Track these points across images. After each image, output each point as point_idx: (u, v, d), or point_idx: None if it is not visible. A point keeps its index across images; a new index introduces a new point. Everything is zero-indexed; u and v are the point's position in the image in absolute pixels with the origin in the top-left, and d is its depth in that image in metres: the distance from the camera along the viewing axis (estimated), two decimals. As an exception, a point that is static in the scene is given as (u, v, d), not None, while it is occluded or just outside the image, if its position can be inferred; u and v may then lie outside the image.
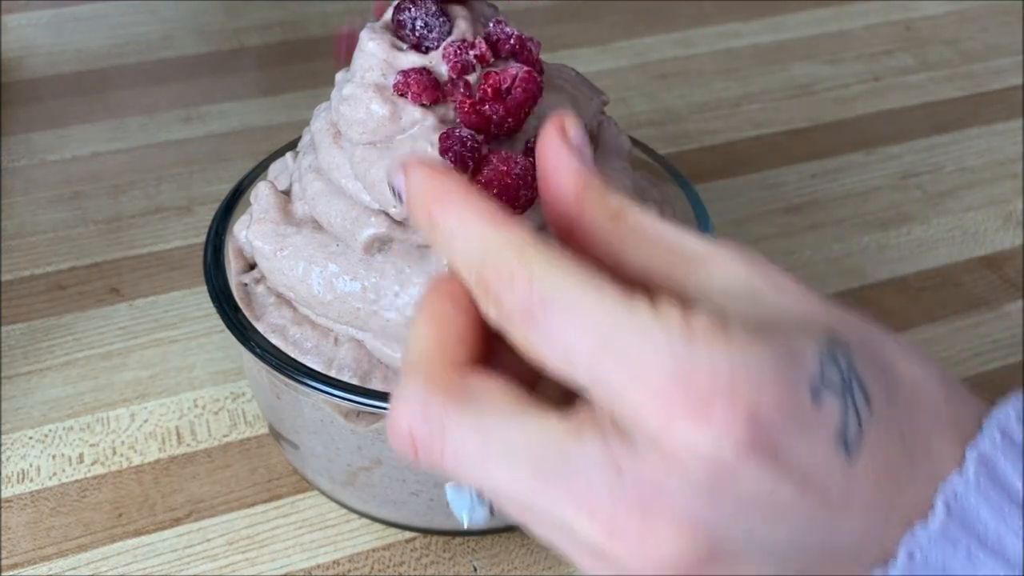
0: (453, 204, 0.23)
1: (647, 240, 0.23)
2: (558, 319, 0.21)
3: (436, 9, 0.34)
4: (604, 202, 0.24)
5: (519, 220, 0.23)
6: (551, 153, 0.25)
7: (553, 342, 0.21)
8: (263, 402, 0.40)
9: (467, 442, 0.21)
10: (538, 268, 0.21)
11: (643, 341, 0.20)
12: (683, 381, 0.19)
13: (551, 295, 0.21)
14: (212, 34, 0.75)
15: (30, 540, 0.41)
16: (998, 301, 0.53)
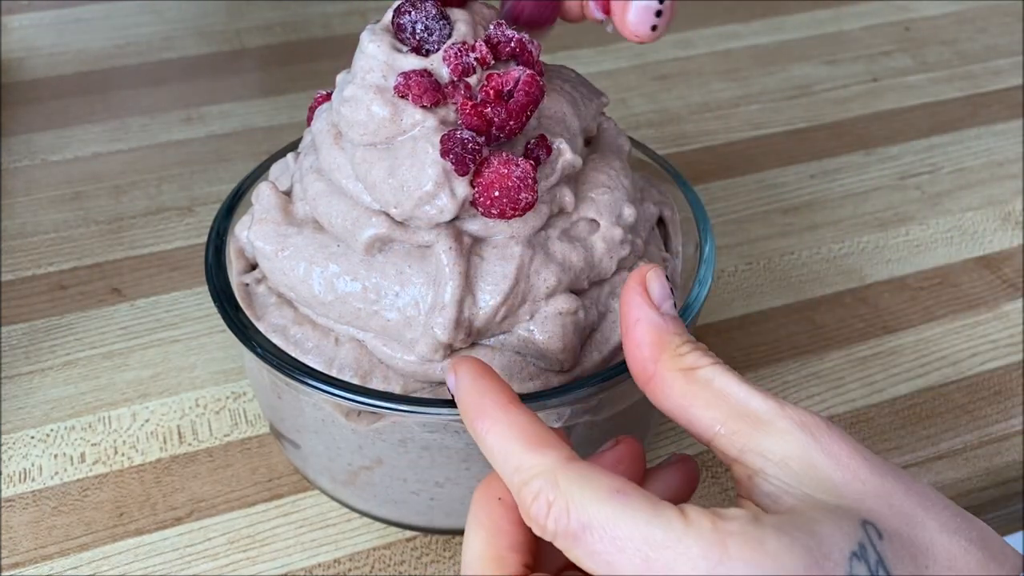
0: (492, 421, 0.26)
1: (716, 397, 0.26)
2: (598, 542, 0.23)
3: (436, 12, 0.34)
4: (679, 360, 0.27)
5: (553, 440, 0.25)
6: (633, 307, 0.28)
7: (597, 560, 0.23)
8: (264, 402, 0.41)
9: None
10: (573, 496, 0.23)
11: (679, 556, 0.22)
12: None
13: (589, 521, 0.23)
14: (213, 35, 0.75)
15: (32, 539, 0.41)
16: (996, 301, 0.53)
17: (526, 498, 0.24)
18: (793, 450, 0.24)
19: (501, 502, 0.27)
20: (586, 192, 0.36)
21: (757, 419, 0.25)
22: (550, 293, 0.35)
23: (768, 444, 0.25)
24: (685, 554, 0.22)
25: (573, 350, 0.35)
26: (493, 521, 0.26)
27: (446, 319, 0.33)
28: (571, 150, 0.35)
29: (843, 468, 0.24)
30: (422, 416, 0.33)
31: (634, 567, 0.22)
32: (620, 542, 0.23)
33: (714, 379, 0.26)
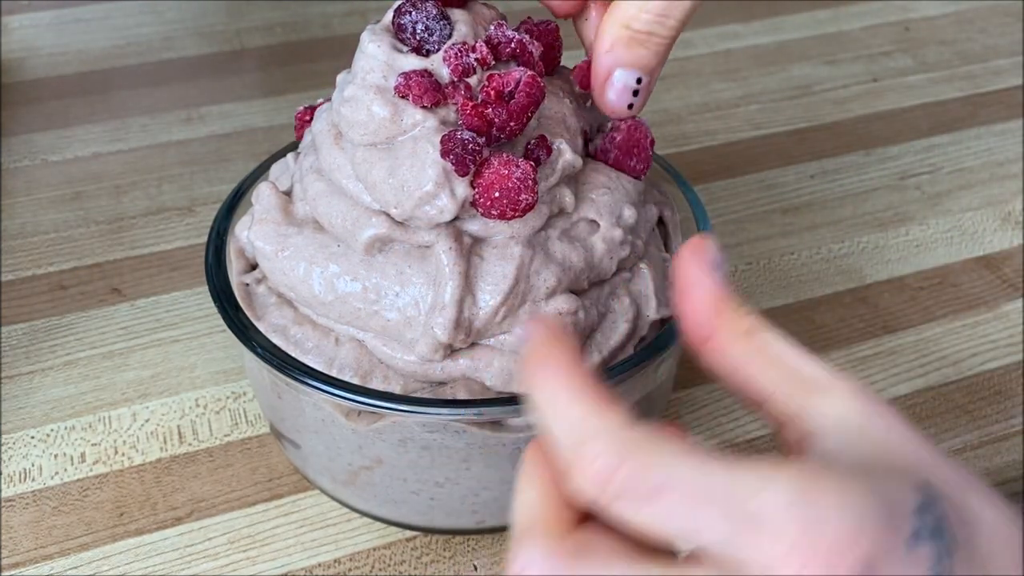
0: (553, 377, 0.25)
1: (774, 360, 0.26)
2: (678, 501, 0.22)
3: (437, 12, 0.34)
4: (738, 321, 0.27)
5: (616, 404, 0.24)
6: (691, 271, 0.28)
7: (674, 519, 0.22)
8: (264, 402, 0.41)
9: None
10: (645, 455, 0.23)
11: (769, 501, 0.22)
12: (815, 535, 0.21)
13: (666, 480, 0.22)
14: (213, 35, 0.75)
15: (32, 539, 0.41)
16: (996, 301, 0.53)
17: (585, 456, 0.23)
18: (850, 413, 0.25)
19: (555, 468, 0.26)
20: (586, 193, 0.36)
21: (814, 383, 0.25)
22: (550, 293, 0.35)
23: (825, 406, 0.25)
24: (775, 498, 0.22)
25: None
26: (548, 471, 0.26)
27: (446, 319, 0.33)
28: (571, 150, 0.35)
29: (897, 434, 0.25)
30: (422, 416, 0.33)
31: (720, 519, 0.22)
32: (705, 495, 0.22)
33: (772, 344, 0.26)
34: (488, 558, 0.41)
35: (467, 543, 0.41)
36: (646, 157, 0.38)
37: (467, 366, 0.35)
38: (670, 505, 0.22)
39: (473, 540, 0.41)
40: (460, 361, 0.35)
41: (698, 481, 0.22)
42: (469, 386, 0.35)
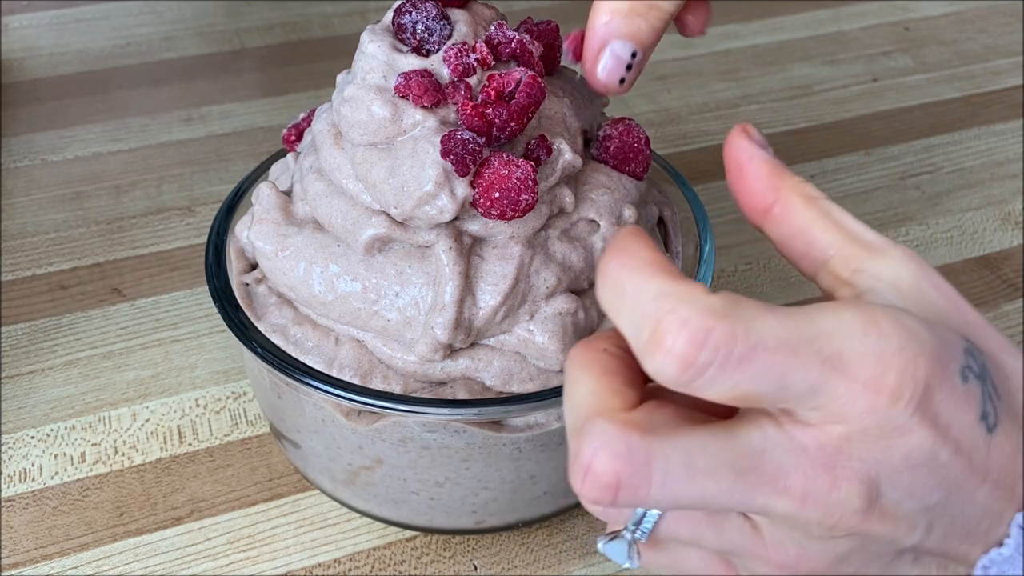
0: (630, 257, 0.24)
1: (836, 223, 0.27)
2: (771, 357, 0.22)
3: (437, 12, 0.34)
4: (800, 186, 0.28)
5: (679, 274, 0.24)
6: (742, 150, 0.28)
7: (767, 376, 0.23)
8: (264, 402, 0.41)
9: (672, 464, 0.23)
10: (739, 317, 0.22)
11: (845, 339, 0.23)
12: (883, 360, 0.23)
13: (760, 339, 0.22)
14: (213, 35, 0.75)
15: (32, 539, 0.41)
16: (996, 301, 0.53)
17: (670, 325, 0.22)
18: (904, 274, 0.26)
19: (606, 352, 0.26)
20: (586, 193, 0.36)
21: (871, 246, 0.27)
22: (550, 293, 0.35)
23: (881, 267, 0.26)
24: (851, 333, 0.23)
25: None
26: (601, 364, 0.26)
27: (446, 319, 0.33)
28: (571, 150, 0.35)
29: (947, 297, 0.26)
30: (422, 416, 0.33)
31: (812, 366, 0.23)
32: (797, 347, 0.23)
33: (832, 210, 0.27)
34: (488, 558, 0.41)
35: (467, 543, 0.41)
36: (644, 159, 0.38)
37: (467, 366, 0.35)
38: (763, 364, 0.22)
39: (473, 540, 0.41)
40: (460, 361, 0.35)
41: (789, 334, 0.23)
42: (469, 386, 0.35)
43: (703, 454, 0.23)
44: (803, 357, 0.23)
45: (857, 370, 0.23)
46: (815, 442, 0.23)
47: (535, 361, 0.35)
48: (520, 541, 0.41)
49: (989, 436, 0.24)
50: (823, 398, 0.23)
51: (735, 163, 0.28)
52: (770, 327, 0.23)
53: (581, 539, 0.42)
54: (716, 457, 0.23)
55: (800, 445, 0.23)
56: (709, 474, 0.23)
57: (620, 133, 0.37)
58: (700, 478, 0.23)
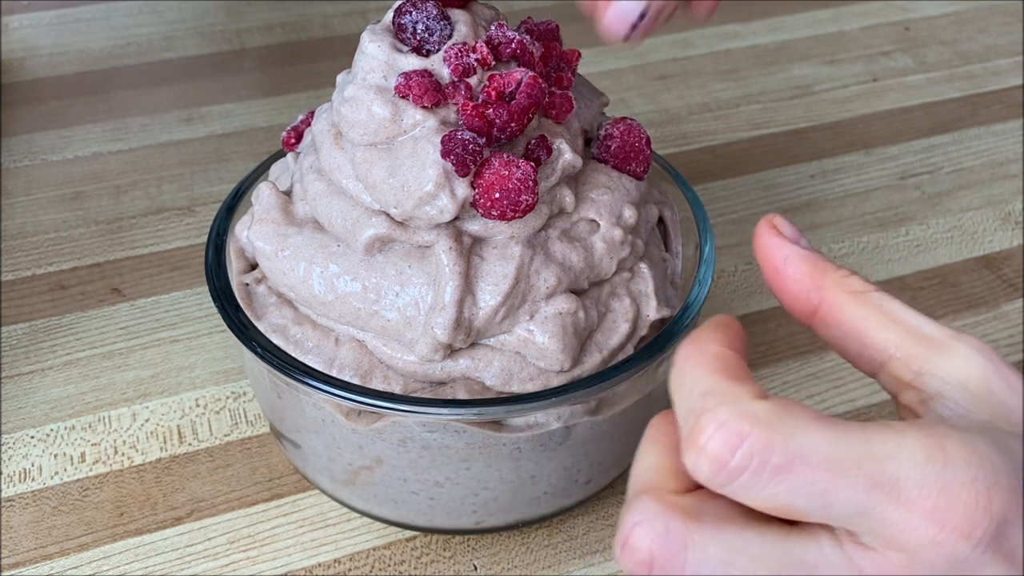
0: (697, 349, 0.24)
1: (891, 319, 0.25)
2: (813, 471, 0.21)
3: (437, 12, 0.34)
4: (846, 283, 0.26)
5: (737, 373, 0.23)
6: (775, 248, 0.27)
7: (811, 491, 0.22)
8: (264, 401, 0.41)
9: (710, 556, 0.22)
10: (780, 426, 0.22)
11: (905, 463, 0.21)
12: (949, 498, 0.21)
13: (800, 450, 0.21)
14: (213, 35, 0.75)
15: (32, 539, 0.41)
16: (996, 301, 0.53)
17: (707, 424, 0.22)
18: (972, 373, 0.24)
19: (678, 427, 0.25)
20: (586, 192, 0.36)
21: (933, 342, 0.25)
22: (550, 293, 0.35)
23: (946, 367, 0.24)
24: (911, 459, 0.22)
25: (573, 350, 0.35)
26: (671, 441, 0.25)
27: (446, 319, 0.33)
28: (571, 150, 0.35)
29: (1020, 393, 0.24)
30: (422, 416, 0.33)
31: (859, 488, 0.21)
32: (842, 465, 0.21)
33: (884, 303, 0.25)
34: (488, 558, 0.41)
35: (467, 543, 0.41)
36: (645, 159, 0.38)
37: (467, 366, 0.35)
38: (803, 478, 0.21)
39: (473, 540, 0.41)
40: (460, 361, 0.35)
41: (834, 451, 0.22)
42: (469, 386, 0.35)
43: (745, 554, 0.22)
44: (848, 478, 0.21)
45: (916, 499, 0.21)
46: (874, 567, 0.22)
47: (535, 361, 0.35)
48: (520, 541, 0.41)
49: None
50: (873, 522, 0.22)
51: (770, 265, 0.27)
52: (815, 441, 0.22)
53: (581, 539, 0.42)
54: (760, 560, 0.22)
55: (857, 567, 0.22)
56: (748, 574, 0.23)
57: (621, 132, 0.37)
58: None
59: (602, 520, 0.42)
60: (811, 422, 0.22)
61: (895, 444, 0.22)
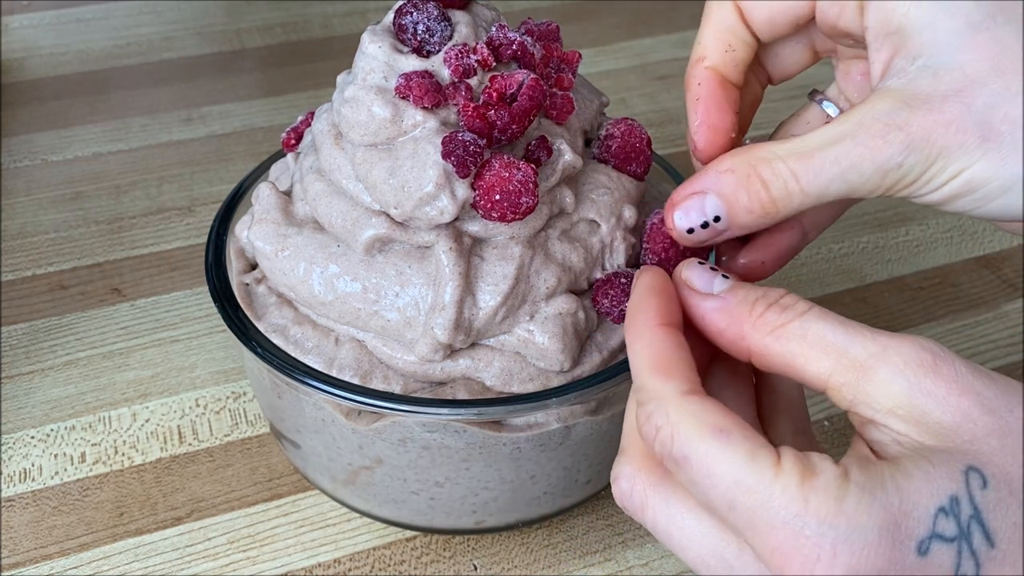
0: (635, 338, 0.28)
1: (817, 346, 0.26)
2: (695, 474, 0.24)
3: (437, 13, 0.34)
4: (761, 325, 0.27)
5: (680, 371, 0.26)
6: (691, 307, 0.28)
7: (694, 488, 0.25)
8: (264, 402, 0.41)
9: (660, 520, 0.26)
10: (679, 428, 0.25)
11: (762, 504, 0.23)
12: (793, 546, 0.23)
13: (688, 454, 0.24)
14: (214, 35, 0.75)
15: (32, 539, 0.41)
16: (996, 301, 0.53)
17: (640, 417, 0.26)
18: (898, 398, 0.24)
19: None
20: (587, 193, 0.36)
21: (859, 367, 0.25)
22: (550, 294, 0.35)
23: (873, 393, 0.25)
24: (767, 503, 0.23)
25: (573, 350, 0.35)
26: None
27: (446, 319, 0.33)
28: (571, 151, 0.35)
29: (951, 410, 0.24)
30: (422, 416, 0.33)
31: (724, 503, 0.24)
32: (714, 479, 0.24)
33: (807, 331, 0.26)
34: (488, 558, 0.41)
35: (467, 543, 0.41)
36: (645, 159, 0.38)
37: (467, 366, 0.35)
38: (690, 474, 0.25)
39: (473, 540, 0.41)
40: (460, 361, 0.35)
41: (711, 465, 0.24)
42: (469, 386, 0.35)
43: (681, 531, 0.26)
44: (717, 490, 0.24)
45: (764, 536, 0.23)
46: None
47: (535, 361, 0.35)
48: (520, 541, 0.41)
49: None
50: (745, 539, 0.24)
51: (696, 323, 0.28)
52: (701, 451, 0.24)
53: (581, 539, 0.42)
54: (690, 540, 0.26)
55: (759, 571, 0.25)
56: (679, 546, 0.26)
57: (622, 133, 0.37)
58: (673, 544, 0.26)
59: (602, 520, 0.42)
60: (709, 433, 0.24)
61: (764, 483, 0.23)
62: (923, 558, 0.23)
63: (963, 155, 0.26)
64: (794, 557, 0.23)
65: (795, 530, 0.23)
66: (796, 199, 0.28)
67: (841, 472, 0.23)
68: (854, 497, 0.23)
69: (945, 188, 0.27)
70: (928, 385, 0.24)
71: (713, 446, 0.24)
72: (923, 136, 0.26)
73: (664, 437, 0.25)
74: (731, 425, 0.24)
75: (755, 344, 0.27)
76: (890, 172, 0.27)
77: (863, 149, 0.27)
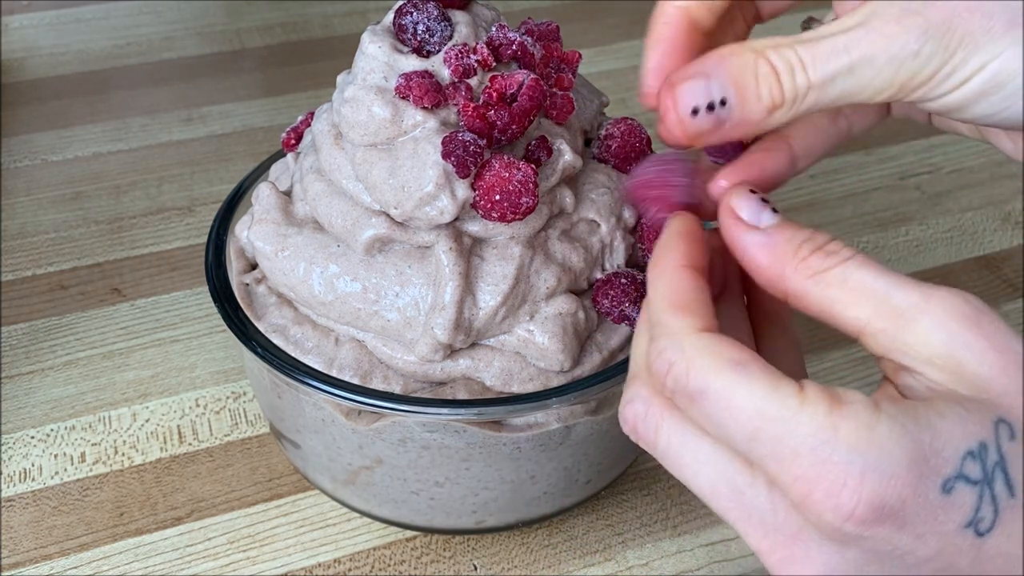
0: (657, 275, 0.27)
1: (858, 292, 0.25)
2: (713, 407, 0.24)
3: (437, 13, 0.34)
4: (804, 268, 0.26)
5: (697, 309, 0.25)
6: (734, 240, 0.27)
7: (710, 423, 0.24)
8: (264, 402, 0.41)
9: (673, 445, 0.26)
10: (694, 361, 0.24)
11: (789, 432, 0.23)
12: (819, 474, 0.22)
13: (706, 387, 0.24)
14: (214, 35, 0.75)
15: (32, 539, 0.41)
16: (996, 301, 0.53)
17: (651, 353, 0.25)
18: (937, 348, 0.24)
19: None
20: (586, 193, 0.36)
21: (899, 315, 0.24)
22: (550, 294, 0.35)
23: (912, 342, 0.24)
24: (795, 431, 0.23)
25: (573, 350, 0.35)
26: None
27: (446, 320, 0.33)
28: (571, 151, 0.35)
29: (988, 364, 0.24)
30: (422, 416, 0.33)
31: (744, 435, 0.23)
32: (734, 411, 0.23)
33: (848, 278, 0.25)
34: (488, 558, 0.41)
35: (467, 543, 0.41)
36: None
37: (467, 366, 0.35)
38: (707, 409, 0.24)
39: (473, 540, 0.41)
40: (460, 361, 0.35)
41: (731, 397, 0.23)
42: (469, 386, 0.35)
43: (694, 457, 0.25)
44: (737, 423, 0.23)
45: (789, 463, 0.23)
46: (784, 518, 0.24)
47: (535, 361, 0.35)
48: (520, 541, 0.41)
49: (980, 539, 0.23)
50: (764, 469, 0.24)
51: (736, 254, 0.27)
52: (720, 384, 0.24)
53: (581, 539, 0.42)
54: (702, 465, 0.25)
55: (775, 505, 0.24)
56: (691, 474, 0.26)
57: (622, 133, 0.37)
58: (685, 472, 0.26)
59: (602, 520, 0.42)
60: (727, 365, 0.24)
61: (790, 411, 0.23)
62: (946, 496, 0.23)
63: (989, 43, 0.24)
64: (819, 484, 0.22)
65: (823, 457, 0.22)
66: (802, 91, 0.26)
67: (872, 403, 0.23)
68: (886, 427, 0.23)
69: (967, 86, 0.25)
70: (968, 338, 0.24)
71: (732, 378, 0.24)
72: (943, 21, 0.24)
73: (678, 372, 0.24)
74: (749, 359, 0.24)
75: (794, 286, 0.26)
76: (905, 63, 0.24)
77: (876, 36, 0.24)
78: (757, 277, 0.27)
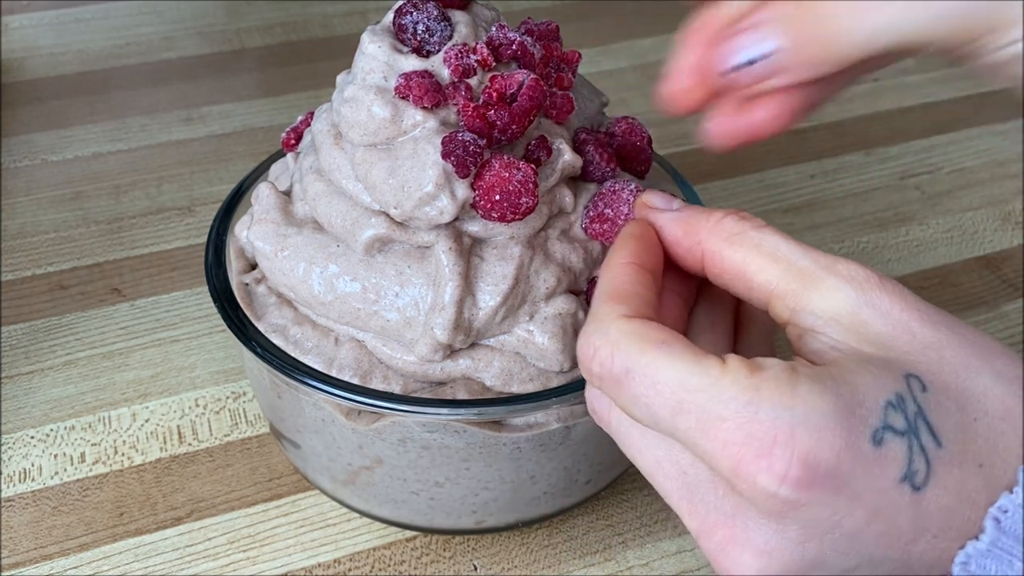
0: (604, 270, 0.28)
1: (769, 257, 0.26)
2: (638, 386, 0.24)
3: (437, 13, 0.34)
4: (719, 230, 0.27)
5: (630, 298, 0.26)
6: (654, 220, 0.28)
7: (637, 403, 0.24)
8: (264, 402, 0.41)
9: (622, 422, 0.26)
10: (619, 344, 0.25)
11: (711, 399, 0.23)
12: (747, 434, 0.22)
13: (631, 366, 0.24)
14: (213, 35, 0.75)
15: (32, 539, 0.41)
16: (996, 301, 0.53)
17: (580, 340, 0.26)
18: (842, 306, 0.25)
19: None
20: (586, 192, 0.36)
21: (806, 277, 0.25)
22: (550, 294, 0.35)
23: (817, 302, 0.25)
24: (718, 396, 0.23)
25: (573, 350, 0.35)
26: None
27: (446, 320, 0.33)
28: (571, 151, 0.35)
29: (893, 322, 0.24)
30: (422, 416, 0.33)
31: (669, 408, 0.23)
32: (658, 386, 0.24)
33: (763, 241, 0.26)
34: (488, 558, 0.41)
35: (467, 543, 0.41)
36: (646, 158, 0.38)
37: (467, 366, 0.35)
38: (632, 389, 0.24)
39: (473, 540, 0.41)
40: (460, 361, 0.35)
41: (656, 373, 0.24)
42: (469, 386, 0.35)
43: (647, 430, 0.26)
44: (662, 397, 0.24)
45: (715, 430, 0.23)
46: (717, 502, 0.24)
47: (535, 361, 0.35)
48: (520, 541, 0.41)
49: (918, 494, 0.23)
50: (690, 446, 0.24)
51: (660, 234, 0.28)
52: (645, 362, 0.24)
53: (581, 539, 0.42)
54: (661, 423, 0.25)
55: (717, 489, 0.24)
56: (640, 459, 0.26)
57: (623, 132, 0.37)
58: (636, 455, 0.26)
59: (602, 520, 0.42)
60: (650, 345, 0.24)
61: (711, 379, 0.23)
62: (878, 448, 0.22)
63: None
64: (748, 446, 0.22)
65: (747, 417, 0.22)
66: (857, 35, 0.24)
67: (789, 367, 0.23)
68: (806, 385, 0.23)
69: None
70: (873, 297, 0.24)
71: (655, 355, 0.24)
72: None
73: (604, 356, 0.25)
74: (672, 338, 0.24)
75: (710, 249, 0.27)
76: None
77: None
78: (674, 252, 0.28)
